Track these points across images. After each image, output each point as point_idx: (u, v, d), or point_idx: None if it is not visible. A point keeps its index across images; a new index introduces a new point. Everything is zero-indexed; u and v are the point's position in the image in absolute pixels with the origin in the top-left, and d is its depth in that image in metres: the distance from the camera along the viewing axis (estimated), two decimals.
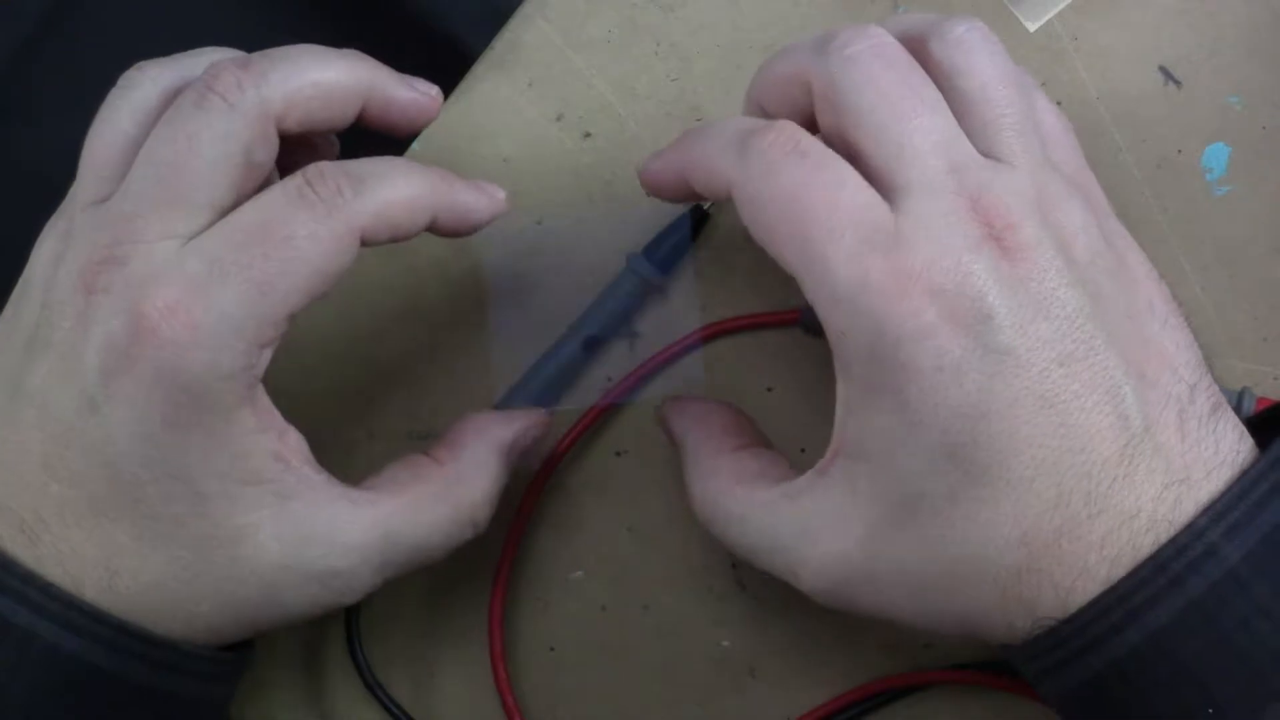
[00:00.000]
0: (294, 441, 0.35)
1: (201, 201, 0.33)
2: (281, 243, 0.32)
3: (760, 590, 0.42)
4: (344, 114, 0.36)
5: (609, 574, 0.43)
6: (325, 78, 0.35)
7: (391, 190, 0.34)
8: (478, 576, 0.43)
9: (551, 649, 0.43)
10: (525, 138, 0.44)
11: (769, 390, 0.43)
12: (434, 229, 0.36)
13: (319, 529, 0.34)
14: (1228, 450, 0.32)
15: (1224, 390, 0.35)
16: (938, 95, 0.33)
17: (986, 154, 0.33)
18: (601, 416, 0.43)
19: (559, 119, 0.45)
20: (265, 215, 0.33)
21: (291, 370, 0.45)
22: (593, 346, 0.42)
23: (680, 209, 0.42)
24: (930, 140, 0.32)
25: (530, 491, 0.42)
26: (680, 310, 0.43)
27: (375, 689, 0.41)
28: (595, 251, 0.44)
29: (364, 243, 0.34)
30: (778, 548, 0.35)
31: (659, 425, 0.41)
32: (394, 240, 0.34)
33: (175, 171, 0.33)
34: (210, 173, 0.33)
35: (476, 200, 0.36)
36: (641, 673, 0.43)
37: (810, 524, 0.34)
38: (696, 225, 0.43)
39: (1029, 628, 0.31)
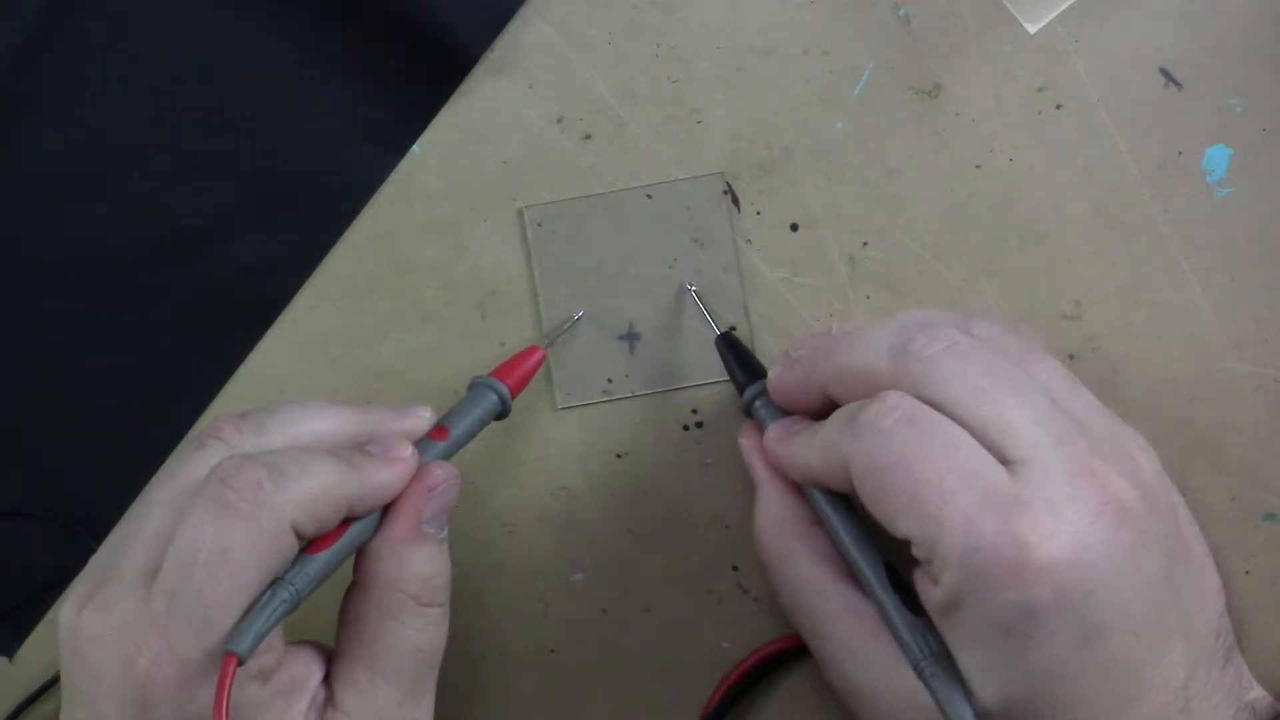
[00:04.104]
0: None
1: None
2: (219, 558, 0.32)
3: (762, 593, 0.42)
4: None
5: (609, 576, 0.43)
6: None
7: (311, 480, 0.33)
8: None
9: (552, 651, 0.43)
10: (525, 140, 0.44)
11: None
12: (351, 514, 0.35)
13: None
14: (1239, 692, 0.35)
15: None
16: (1025, 377, 0.34)
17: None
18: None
19: (559, 121, 0.44)
20: (195, 535, 0.32)
21: (293, 371, 0.45)
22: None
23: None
24: (1029, 416, 0.33)
25: None
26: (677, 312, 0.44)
27: None
28: (638, 226, 0.44)
29: (298, 537, 0.33)
30: None
31: None
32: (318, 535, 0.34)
33: None
34: None
35: (389, 475, 0.36)
36: (642, 675, 0.43)
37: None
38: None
39: None
